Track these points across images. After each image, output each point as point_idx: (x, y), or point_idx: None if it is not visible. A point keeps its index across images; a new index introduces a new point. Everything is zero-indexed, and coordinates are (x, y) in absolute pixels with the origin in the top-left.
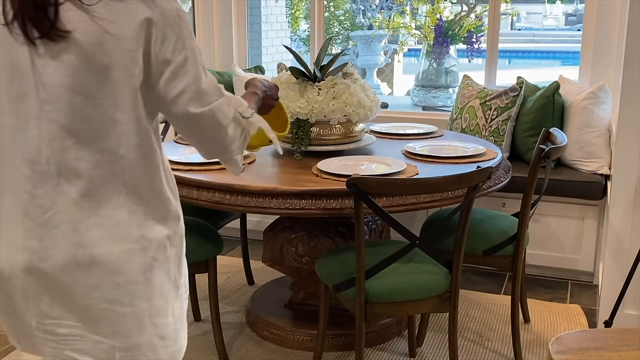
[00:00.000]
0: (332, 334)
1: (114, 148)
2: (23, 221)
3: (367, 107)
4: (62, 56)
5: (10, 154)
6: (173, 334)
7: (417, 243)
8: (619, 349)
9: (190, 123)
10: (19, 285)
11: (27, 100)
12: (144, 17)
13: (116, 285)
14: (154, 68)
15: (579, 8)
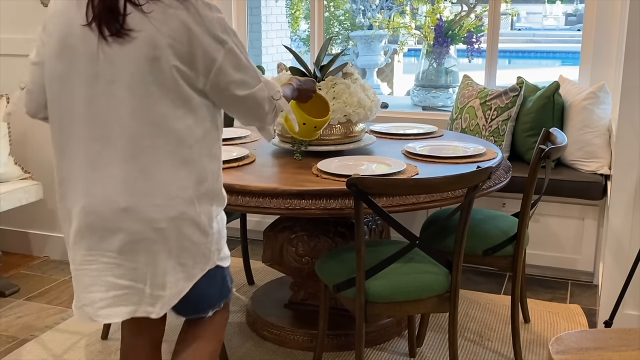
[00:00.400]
0: (332, 334)
1: (157, 120)
2: (90, 174)
3: (367, 107)
4: (125, 49)
5: (82, 122)
6: (192, 262)
7: (417, 243)
8: (619, 349)
9: (236, 102)
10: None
11: (99, 80)
12: (186, 22)
13: (153, 229)
14: (202, 63)
15: (579, 8)
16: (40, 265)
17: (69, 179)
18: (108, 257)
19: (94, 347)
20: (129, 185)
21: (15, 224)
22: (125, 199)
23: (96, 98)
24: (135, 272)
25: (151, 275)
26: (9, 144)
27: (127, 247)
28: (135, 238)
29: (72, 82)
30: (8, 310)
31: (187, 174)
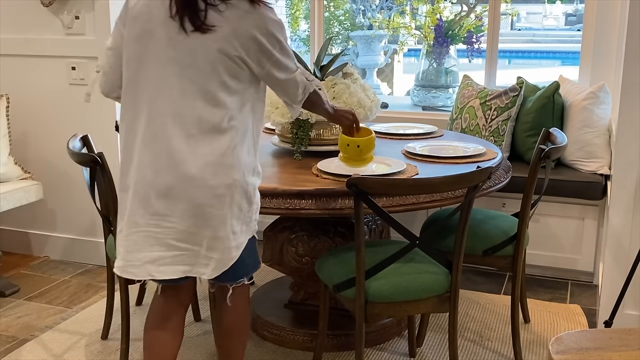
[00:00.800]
0: (332, 334)
1: (220, 100)
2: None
3: (367, 107)
4: (204, 41)
5: (154, 99)
6: (239, 229)
7: (417, 243)
8: (619, 349)
9: (279, 83)
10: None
11: (174, 64)
12: (253, 23)
13: (213, 196)
14: (262, 57)
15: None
16: (40, 265)
17: (135, 153)
18: (171, 223)
19: (94, 347)
20: (193, 156)
21: (15, 224)
22: (189, 169)
23: (168, 79)
24: (193, 236)
25: (207, 239)
26: (9, 144)
27: (188, 213)
28: (197, 204)
29: (148, 64)
30: (8, 310)
31: (241, 146)
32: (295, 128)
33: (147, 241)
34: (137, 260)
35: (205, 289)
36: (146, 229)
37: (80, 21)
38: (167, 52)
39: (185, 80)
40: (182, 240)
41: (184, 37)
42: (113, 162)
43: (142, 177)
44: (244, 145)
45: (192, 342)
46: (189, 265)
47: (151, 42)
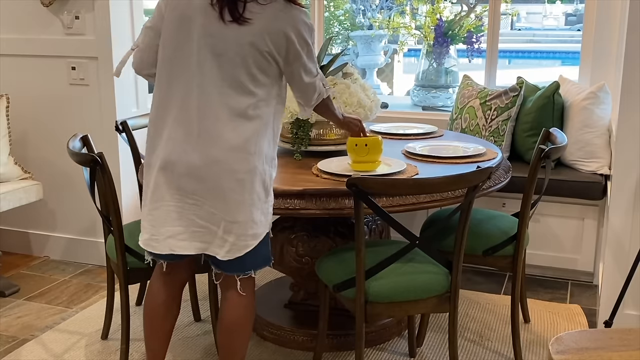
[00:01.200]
0: (332, 334)
1: (247, 89)
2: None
3: (367, 107)
4: (238, 33)
5: (187, 83)
6: (258, 219)
7: (417, 243)
8: (619, 349)
9: (300, 84)
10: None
11: (209, 50)
12: (287, 23)
13: (235, 180)
14: (291, 55)
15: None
16: (40, 265)
17: (165, 131)
18: (194, 200)
19: (94, 347)
20: (219, 140)
21: (15, 224)
22: (215, 152)
23: (202, 64)
24: (213, 216)
25: (225, 222)
26: (9, 144)
27: (211, 194)
28: (219, 186)
29: (184, 47)
30: (8, 310)
31: (263, 136)
32: (295, 128)
33: (170, 215)
34: (160, 235)
35: (205, 289)
36: (171, 203)
37: (80, 21)
38: (203, 39)
39: (217, 67)
40: (203, 217)
41: (221, 27)
42: (113, 162)
43: (170, 154)
44: (266, 136)
45: (192, 342)
46: (205, 243)
47: (190, 27)
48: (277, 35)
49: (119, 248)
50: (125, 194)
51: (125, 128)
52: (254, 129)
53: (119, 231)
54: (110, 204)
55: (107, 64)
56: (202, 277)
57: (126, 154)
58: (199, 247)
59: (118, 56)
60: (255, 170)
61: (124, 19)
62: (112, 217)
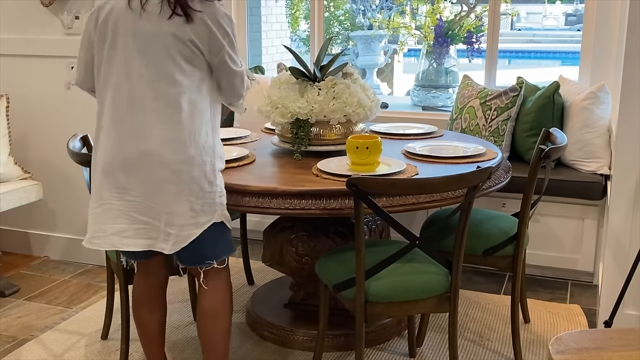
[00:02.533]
0: (332, 334)
1: (177, 80)
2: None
3: (367, 107)
4: (161, 25)
5: (119, 84)
6: (199, 209)
7: (417, 243)
8: (619, 349)
9: (229, 74)
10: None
11: (134, 48)
12: (205, 14)
13: (170, 170)
14: (211, 43)
15: (579, 8)
16: (40, 265)
17: (102, 132)
18: (133, 196)
19: (94, 347)
20: (152, 133)
21: (15, 224)
22: (148, 145)
23: (130, 61)
24: (152, 210)
25: (165, 214)
26: (9, 144)
27: (148, 187)
28: (155, 178)
29: (113, 52)
30: (8, 310)
31: (199, 126)
32: (295, 128)
33: (111, 213)
34: (102, 232)
35: None
36: (111, 201)
37: (80, 21)
38: (129, 38)
39: (145, 62)
40: (143, 213)
41: (142, 23)
42: None
43: (107, 153)
44: (202, 126)
45: (192, 342)
46: (151, 239)
47: (115, 30)
48: (198, 26)
49: None
50: None
51: None
52: (188, 119)
53: None
54: None
55: None
56: None
57: None
58: (145, 244)
59: None
60: (193, 161)
61: None
62: None
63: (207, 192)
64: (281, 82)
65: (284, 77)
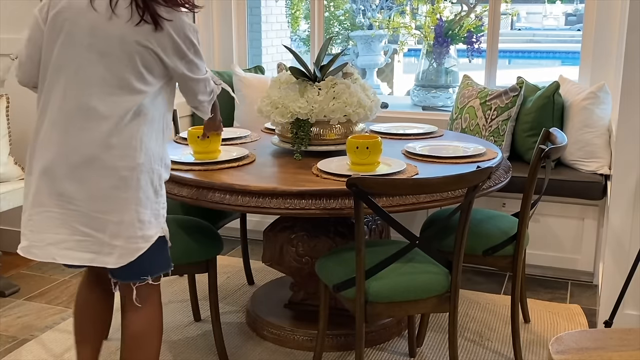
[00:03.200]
0: (332, 334)
1: (130, 87)
2: None
3: (367, 107)
4: (123, 31)
5: (69, 85)
6: (147, 220)
7: (417, 243)
8: (619, 349)
9: (190, 83)
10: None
11: (91, 51)
12: (169, 23)
13: (118, 177)
14: (174, 52)
15: (579, 8)
16: (40, 265)
17: (44, 136)
18: (75, 205)
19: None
20: (99, 139)
21: (15, 224)
22: (94, 150)
23: (85, 65)
24: (97, 221)
25: (112, 224)
26: (8, 144)
27: (93, 196)
28: (101, 186)
29: (65, 51)
30: (8, 310)
31: (148, 134)
32: (295, 128)
33: (51, 222)
34: (41, 241)
35: (205, 289)
36: (51, 209)
37: None
38: (85, 40)
39: (102, 67)
40: (86, 224)
41: (106, 26)
42: None
43: (48, 157)
44: (152, 134)
45: (192, 342)
46: (93, 253)
47: (71, 29)
48: (163, 35)
49: None
50: None
51: None
52: (138, 126)
53: None
54: None
55: None
56: (202, 277)
57: None
58: (86, 258)
59: None
60: (141, 168)
61: None
62: None
63: (154, 202)
64: (281, 82)
65: (284, 77)
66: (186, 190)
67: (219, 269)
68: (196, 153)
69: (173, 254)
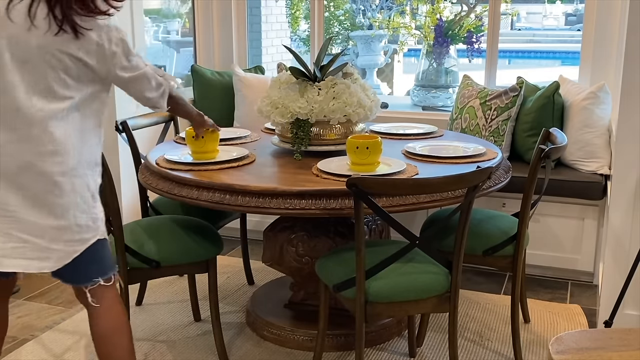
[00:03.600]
0: (332, 334)
1: (60, 94)
2: None
3: (367, 107)
4: (47, 39)
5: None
6: (84, 224)
7: (417, 243)
8: (619, 349)
9: (128, 83)
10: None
11: (15, 59)
12: (100, 30)
13: (52, 182)
14: (102, 57)
15: (579, 8)
16: None
17: None
18: (11, 213)
19: (94, 347)
20: (33, 145)
21: None
22: (29, 157)
23: (8, 71)
24: (35, 227)
25: (50, 229)
26: None
27: (29, 202)
28: (36, 192)
29: None
30: None
31: (79, 139)
32: (295, 128)
33: None
34: None
35: (205, 289)
36: None
37: None
38: (6, 50)
39: (26, 74)
40: (23, 230)
41: (24, 37)
42: (113, 162)
43: None
44: (84, 140)
45: (192, 342)
46: (28, 259)
47: None
48: (86, 41)
49: (119, 248)
50: (125, 194)
51: (125, 128)
52: (69, 132)
53: (119, 231)
54: (110, 204)
55: None
56: (202, 277)
57: (126, 154)
58: (22, 265)
59: None
60: (74, 173)
61: (124, 19)
62: (112, 217)
63: (91, 206)
64: (281, 82)
65: (284, 77)
66: (186, 190)
67: (219, 269)
68: (194, 153)
69: (173, 253)
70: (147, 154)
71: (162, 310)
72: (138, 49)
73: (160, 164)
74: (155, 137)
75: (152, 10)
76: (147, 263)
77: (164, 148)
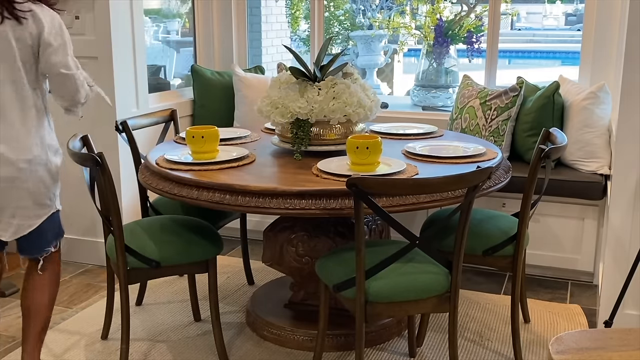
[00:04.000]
0: (332, 334)
1: (22, 84)
2: None
3: (367, 107)
4: (5, 29)
5: None
6: (44, 203)
7: (417, 243)
8: (619, 349)
9: (59, 78)
10: None
11: None
12: (41, 20)
13: (16, 169)
14: (47, 48)
15: (579, 8)
16: None
17: None
18: None
19: (94, 347)
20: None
21: None
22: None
23: None
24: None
25: (12, 208)
26: None
27: None
28: (3, 179)
29: None
30: (8, 310)
31: (40, 127)
32: (295, 128)
33: None
34: None
35: (205, 289)
36: None
37: (80, 21)
38: None
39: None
40: None
41: None
42: (113, 162)
43: None
44: (44, 127)
45: (192, 342)
46: None
47: None
48: (29, 26)
49: (119, 248)
50: (125, 194)
51: (125, 128)
52: (31, 120)
53: (119, 231)
54: (110, 204)
55: (107, 64)
56: (202, 277)
57: (126, 154)
58: None
59: (118, 56)
60: (38, 160)
61: (124, 19)
62: (112, 217)
63: (51, 188)
64: (281, 82)
65: (284, 77)
66: (186, 190)
67: (219, 269)
68: (194, 153)
69: (173, 253)
70: (147, 154)
71: (162, 310)
72: (138, 49)
73: (160, 164)
74: (155, 137)
75: (152, 10)
76: (147, 263)
77: (164, 148)
